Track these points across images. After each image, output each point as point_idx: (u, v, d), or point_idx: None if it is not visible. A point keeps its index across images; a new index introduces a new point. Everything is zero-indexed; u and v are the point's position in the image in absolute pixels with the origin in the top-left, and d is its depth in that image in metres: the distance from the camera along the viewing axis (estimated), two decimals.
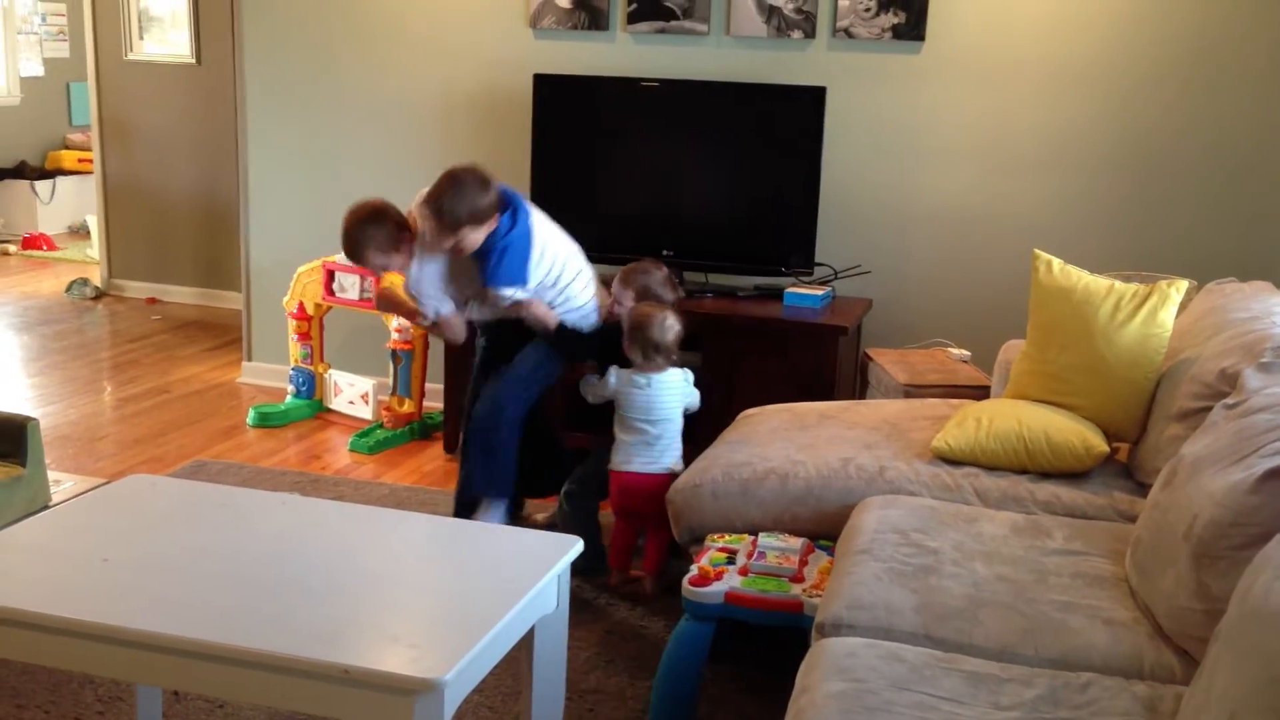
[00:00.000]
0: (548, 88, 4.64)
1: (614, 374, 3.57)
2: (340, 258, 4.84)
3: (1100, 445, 3.01)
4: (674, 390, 3.53)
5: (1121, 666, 2.17)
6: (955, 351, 4.26)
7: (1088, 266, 3.32)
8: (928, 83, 4.46)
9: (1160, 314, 3.08)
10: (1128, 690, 2.05)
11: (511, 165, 4.85)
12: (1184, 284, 3.15)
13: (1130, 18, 4.23)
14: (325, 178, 5.23)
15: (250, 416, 4.94)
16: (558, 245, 3.62)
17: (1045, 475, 3.04)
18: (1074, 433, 3.02)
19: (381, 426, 4.80)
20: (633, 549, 3.54)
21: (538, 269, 3.52)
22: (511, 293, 3.49)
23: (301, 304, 5.02)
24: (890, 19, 4.42)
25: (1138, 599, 2.36)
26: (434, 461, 4.63)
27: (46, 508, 3.80)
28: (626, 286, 3.73)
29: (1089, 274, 3.23)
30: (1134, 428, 3.12)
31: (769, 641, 3.04)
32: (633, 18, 4.69)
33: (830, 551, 2.86)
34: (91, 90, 7.19)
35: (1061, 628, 2.26)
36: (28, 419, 3.89)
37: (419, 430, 4.85)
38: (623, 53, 4.74)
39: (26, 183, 8.92)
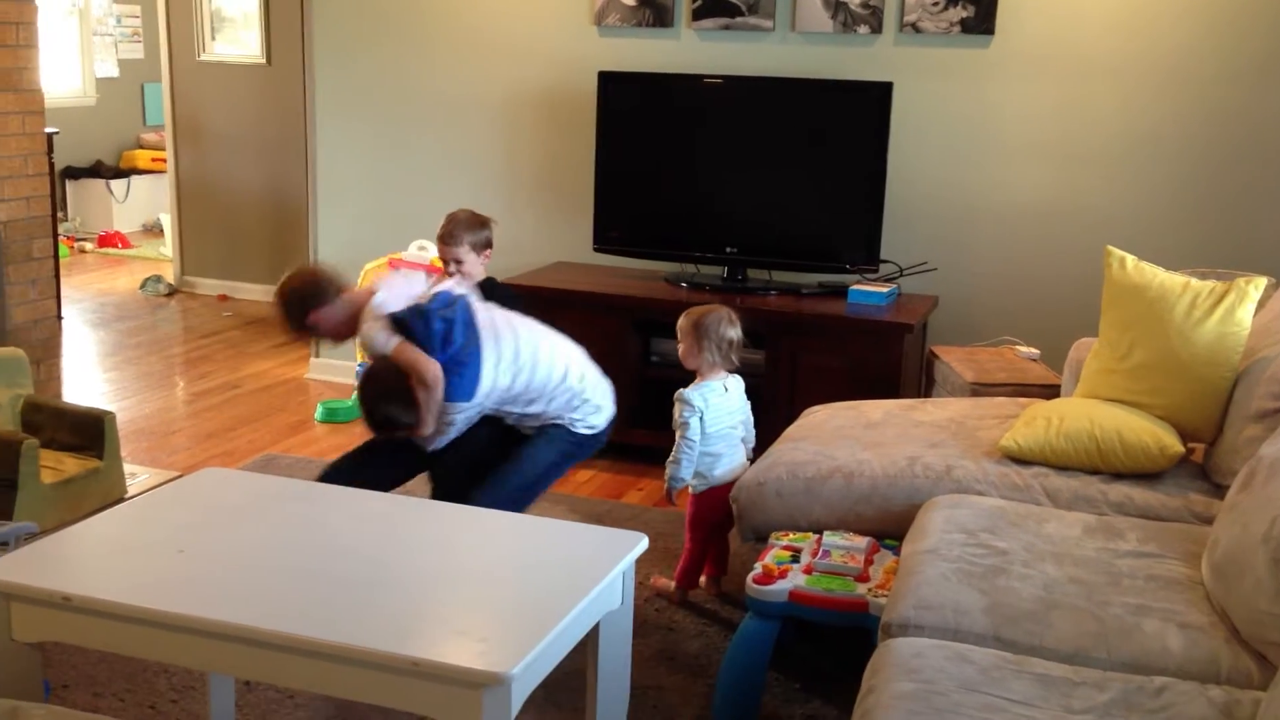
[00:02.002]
0: (612, 85, 4.65)
1: (693, 397, 3.31)
2: (406, 254, 4.90)
3: (1175, 445, 2.96)
4: (742, 386, 3.48)
5: (1197, 671, 2.13)
6: (1024, 349, 4.20)
7: (1162, 263, 3.25)
8: (997, 77, 4.40)
9: (1238, 312, 3.01)
10: (1203, 695, 2.01)
11: (576, 163, 4.88)
12: (1262, 281, 3.07)
13: (1206, 7, 4.15)
14: (392, 176, 5.29)
15: (318, 412, 5.01)
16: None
17: (1118, 476, 2.99)
18: (1148, 433, 2.96)
19: None
20: (702, 567, 3.49)
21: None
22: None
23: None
24: (959, 12, 4.37)
25: (1214, 603, 2.31)
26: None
27: (123, 500, 3.89)
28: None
29: (1164, 271, 3.17)
30: (1210, 428, 3.06)
31: (833, 641, 3.03)
32: (697, 14, 4.68)
33: (896, 551, 2.83)
34: (165, 90, 7.33)
35: (1135, 631, 2.22)
36: (105, 413, 3.99)
37: None
38: (687, 50, 4.73)
39: (102, 182, 9.13)
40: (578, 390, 3.26)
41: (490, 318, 3.21)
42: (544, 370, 3.21)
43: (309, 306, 3.16)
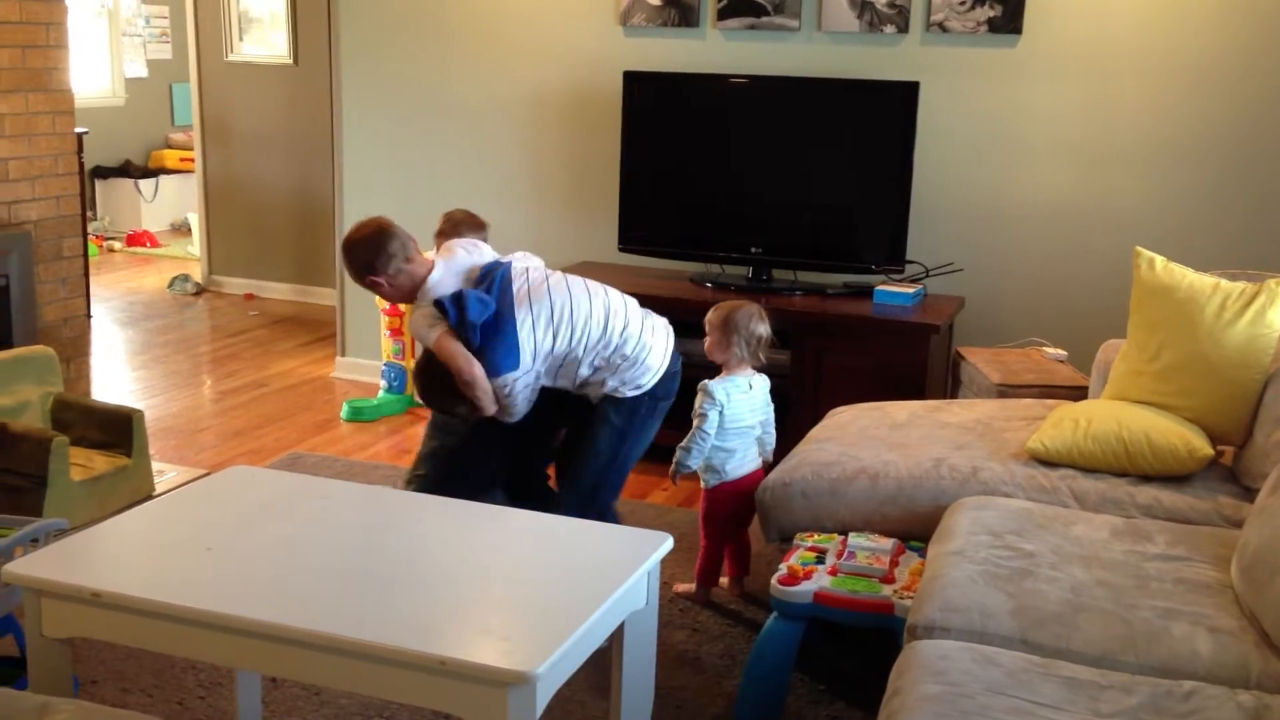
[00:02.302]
0: (638, 85, 4.65)
1: (715, 389, 3.31)
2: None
3: (1204, 448, 2.93)
4: (768, 386, 3.48)
5: (1227, 675, 2.11)
6: (1051, 351, 4.18)
7: (1192, 264, 3.23)
8: (1024, 77, 4.37)
9: (1269, 313, 2.98)
10: (1232, 700, 1.99)
11: (601, 163, 4.88)
12: None
13: (1234, 6, 4.11)
14: (418, 176, 5.31)
15: (344, 411, 5.03)
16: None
17: (1146, 478, 2.97)
18: (1177, 435, 2.94)
19: None
20: (720, 565, 3.49)
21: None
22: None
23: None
24: (986, 12, 4.35)
25: (1244, 606, 2.29)
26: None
27: (151, 497, 3.92)
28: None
29: (1193, 272, 3.14)
30: (1240, 431, 3.03)
31: (858, 643, 3.02)
32: (723, 14, 4.68)
33: (921, 553, 2.82)
34: (193, 91, 7.38)
35: (1163, 634, 2.20)
36: (133, 411, 4.03)
37: None
38: (713, 49, 4.73)
39: (131, 181, 9.20)
40: (619, 346, 3.11)
41: (526, 283, 3.10)
42: (582, 328, 3.08)
43: (367, 271, 3.10)
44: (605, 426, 3.16)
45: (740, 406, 3.34)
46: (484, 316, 3.01)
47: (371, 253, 3.08)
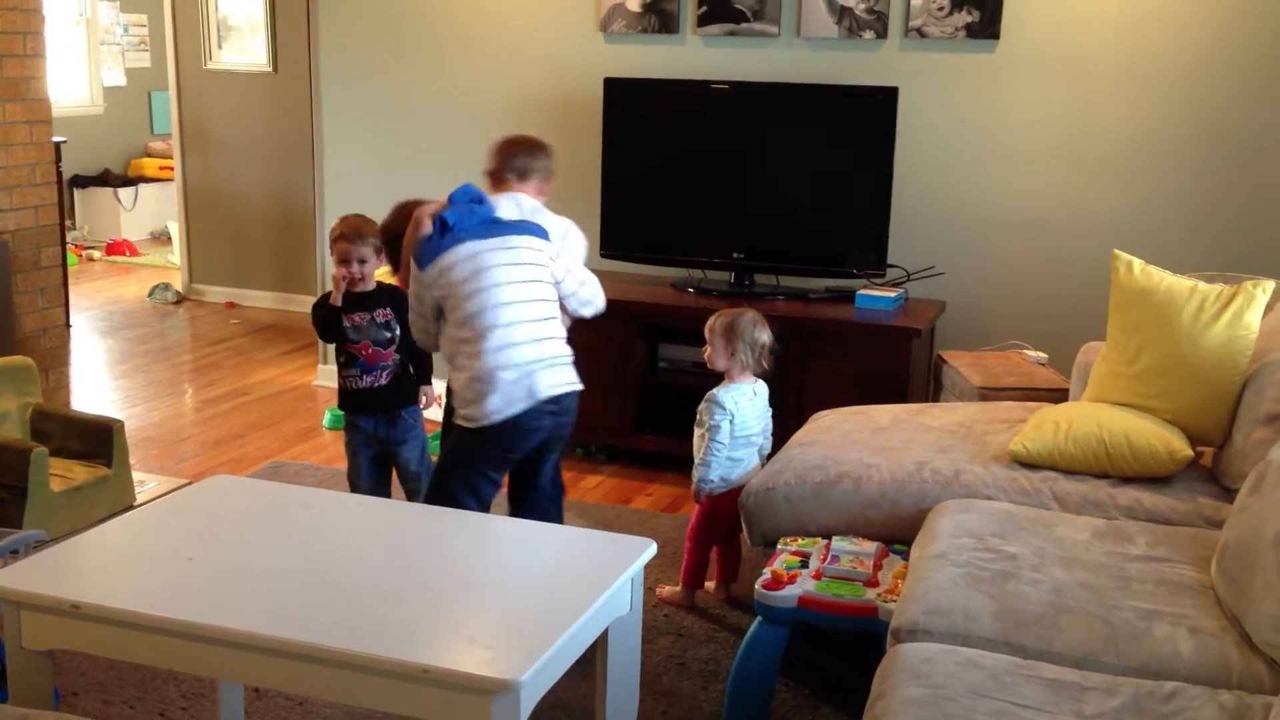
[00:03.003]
0: (618, 91, 4.66)
1: (724, 399, 3.28)
2: None
3: (1184, 449, 2.95)
4: (767, 392, 3.46)
5: (1208, 675, 2.12)
6: (1031, 354, 4.20)
7: (1170, 267, 3.25)
8: (1002, 81, 4.40)
9: (1246, 315, 3.01)
10: (1214, 700, 2.00)
11: (582, 169, 4.88)
12: (1270, 284, 3.07)
13: (1212, 11, 4.14)
14: (399, 183, 5.29)
15: (326, 419, 5.01)
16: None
17: (1126, 480, 2.98)
18: (1156, 436, 2.96)
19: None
20: (708, 567, 3.49)
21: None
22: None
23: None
24: (964, 17, 4.37)
25: (1224, 607, 2.31)
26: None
27: (131, 507, 3.90)
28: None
29: (1171, 274, 3.16)
30: (1219, 432, 3.05)
31: (842, 646, 3.03)
32: (703, 20, 4.69)
33: (905, 556, 2.83)
34: (172, 99, 7.36)
35: (1145, 635, 2.21)
36: (113, 421, 4.00)
37: None
38: (693, 55, 4.74)
39: (110, 190, 9.15)
40: (472, 355, 2.97)
41: (487, 245, 3.03)
42: (476, 307, 2.96)
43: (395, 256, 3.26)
44: (448, 438, 3.22)
45: (748, 414, 3.34)
46: (464, 218, 3.06)
47: (391, 235, 3.33)
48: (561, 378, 3.05)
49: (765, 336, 3.36)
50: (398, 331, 3.41)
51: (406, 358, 3.46)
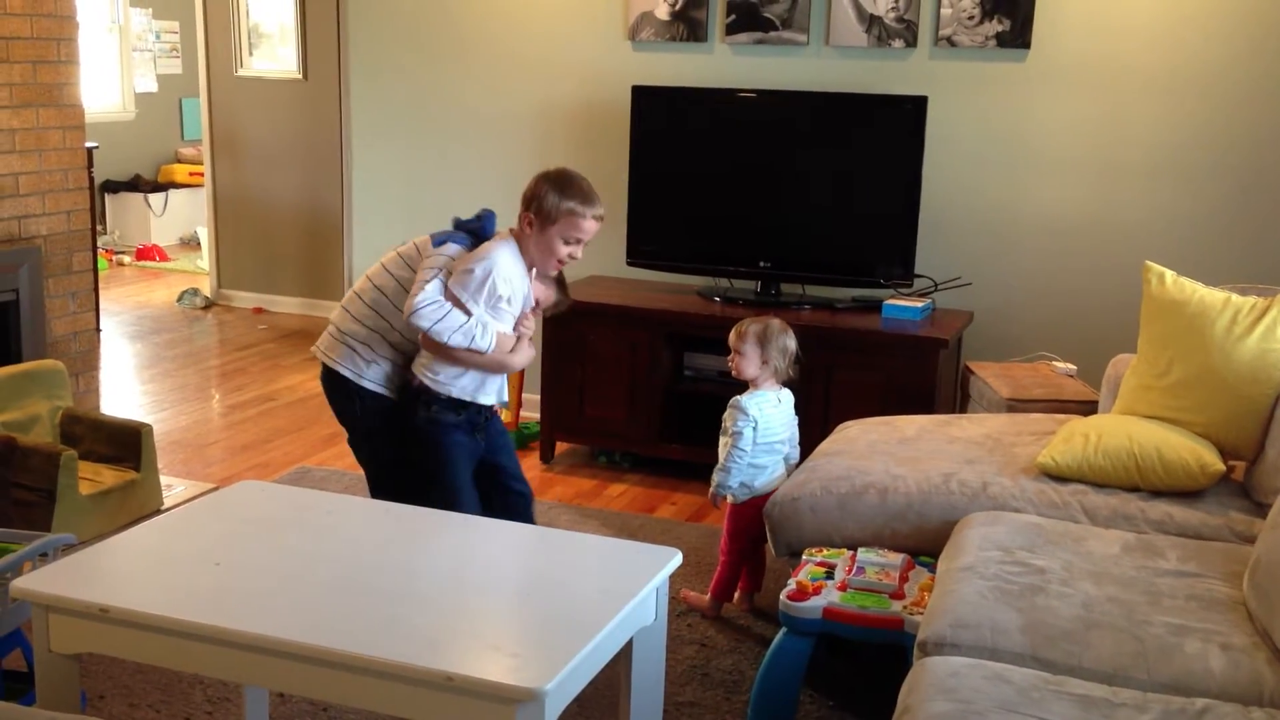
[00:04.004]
0: (646, 100, 4.66)
1: (749, 405, 3.28)
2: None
3: (1216, 463, 2.92)
4: (792, 401, 3.45)
5: (1239, 693, 2.09)
6: (1061, 365, 4.17)
7: (1202, 278, 3.22)
8: (1033, 91, 4.37)
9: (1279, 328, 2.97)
10: (1245, 717, 1.98)
11: (610, 177, 4.87)
12: None
13: (1242, 20, 4.10)
14: (426, 190, 5.32)
15: None
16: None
17: (1157, 494, 2.95)
18: (1188, 450, 2.93)
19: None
20: (738, 581, 3.47)
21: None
22: None
23: None
24: (994, 26, 4.35)
25: (1256, 623, 2.28)
26: (531, 471, 4.66)
27: (159, 511, 3.93)
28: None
29: (1204, 286, 3.13)
30: (1251, 446, 3.01)
31: (867, 658, 3.01)
32: (731, 29, 4.69)
33: (931, 568, 2.81)
34: (203, 105, 7.42)
35: (1176, 651, 2.19)
36: (142, 425, 4.03)
37: (516, 440, 4.89)
38: (721, 64, 4.73)
39: (140, 195, 9.23)
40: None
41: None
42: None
43: None
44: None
45: (772, 421, 3.33)
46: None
47: None
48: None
49: (793, 344, 3.36)
50: None
51: None
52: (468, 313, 2.95)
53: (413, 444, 3.08)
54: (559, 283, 3.24)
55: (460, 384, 3.04)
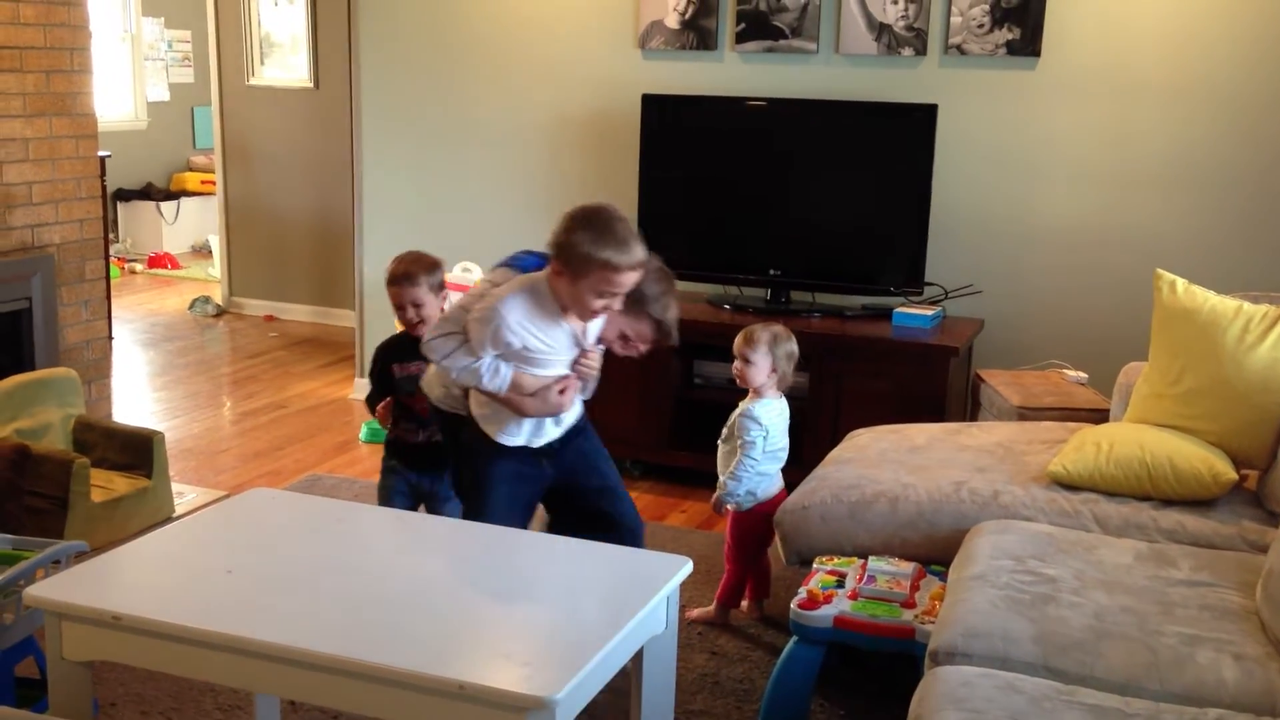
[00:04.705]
0: (656, 108, 4.67)
1: (761, 414, 3.27)
2: (450, 277, 4.93)
3: (1228, 472, 2.91)
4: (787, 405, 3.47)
5: (1252, 703, 2.09)
6: (1072, 374, 4.16)
7: (1214, 287, 3.21)
8: (1043, 99, 4.37)
9: None
10: None
11: (619, 185, 4.89)
12: None
13: (1253, 28, 4.10)
14: (438, 198, 5.33)
15: (363, 432, 5.04)
16: None
17: (1169, 502, 2.94)
18: (1200, 459, 2.92)
19: None
20: (744, 587, 3.47)
21: None
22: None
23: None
24: (1004, 35, 4.35)
25: (1269, 633, 2.27)
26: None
27: (171, 519, 3.94)
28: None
29: (1215, 294, 3.12)
30: (1264, 455, 3.00)
31: (878, 667, 3.00)
32: (741, 37, 4.69)
33: (942, 577, 2.80)
34: (215, 114, 7.45)
35: (1188, 661, 2.18)
36: (154, 433, 4.05)
37: None
38: (731, 72, 4.74)
39: (152, 204, 9.26)
40: None
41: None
42: None
43: None
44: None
45: (777, 429, 3.33)
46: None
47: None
48: None
49: (796, 349, 3.36)
50: None
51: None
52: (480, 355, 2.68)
53: (459, 459, 2.93)
54: (651, 316, 2.83)
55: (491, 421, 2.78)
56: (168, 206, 9.31)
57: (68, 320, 4.59)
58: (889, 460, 3.29)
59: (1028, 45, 4.33)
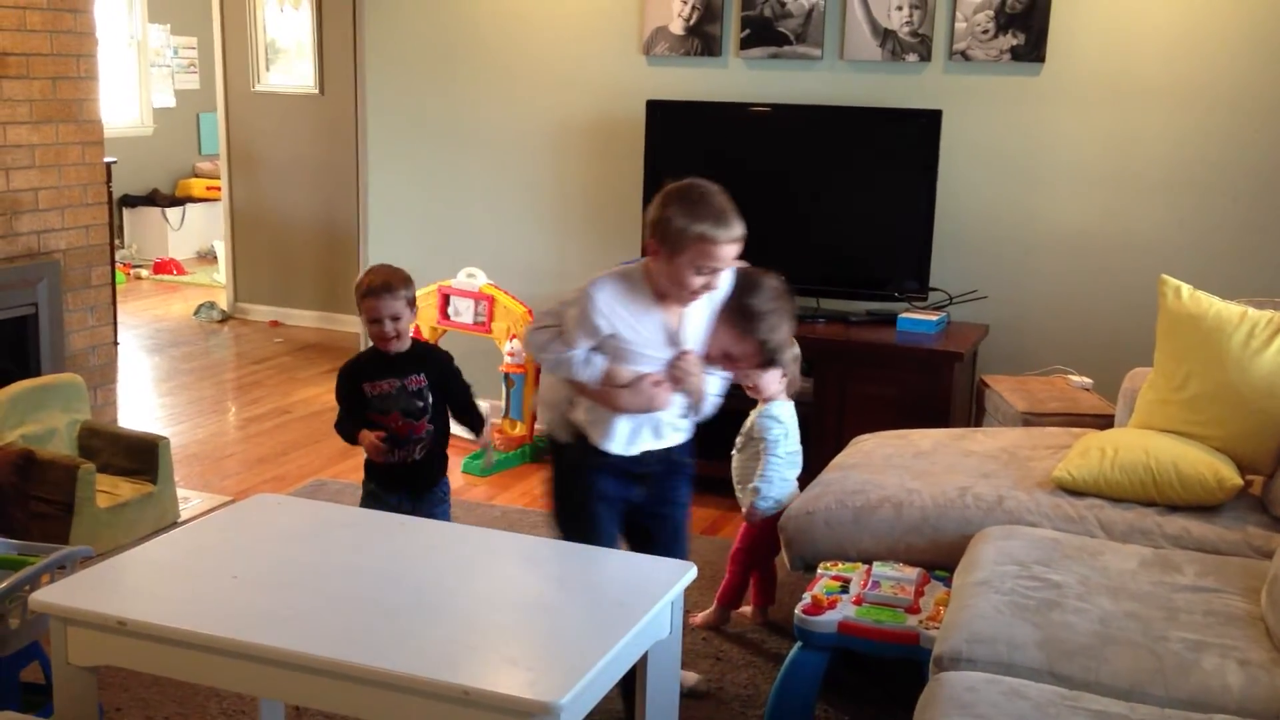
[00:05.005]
0: (661, 114, 4.67)
1: (781, 415, 3.28)
2: (455, 282, 4.95)
3: (1233, 478, 2.91)
4: None
5: (1257, 709, 2.08)
6: (1076, 379, 4.15)
7: (1219, 292, 3.21)
8: (1048, 105, 4.37)
9: None
10: None
11: (623, 191, 4.90)
12: None
13: (1258, 34, 4.10)
14: (442, 204, 5.34)
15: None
16: None
17: (1174, 508, 2.94)
18: (1205, 465, 2.91)
19: (494, 448, 4.86)
20: (746, 588, 3.47)
21: None
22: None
23: (417, 327, 5.11)
24: (1009, 40, 4.35)
25: (1274, 638, 2.27)
26: (545, 484, 4.66)
27: (175, 524, 3.94)
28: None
29: (1220, 300, 3.12)
30: (1269, 460, 3.00)
31: (883, 673, 3.00)
32: (745, 43, 4.70)
33: (947, 582, 2.80)
34: (220, 120, 7.46)
35: (1193, 667, 2.18)
36: (159, 438, 4.05)
37: (531, 453, 4.90)
38: (736, 78, 4.75)
39: (158, 210, 9.29)
40: None
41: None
42: None
43: None
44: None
45: (794, 429, 3.34)
46: None
47: None
48: None
49: (799, 349, 3.35)
50: (430, 399, 3.05)
51: (443, 427, 3.13)
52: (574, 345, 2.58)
53: (557, 487, 2.83)
54: (756, 338, 2.66)
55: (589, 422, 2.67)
56: (173, 212, 9.33)
57: (73, 326, 4.60)
58: (894, 466, 3.28)
59: (1032, 51, 4.33)
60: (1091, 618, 2.33)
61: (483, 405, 5.11)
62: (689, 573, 2.41)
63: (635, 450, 2.68)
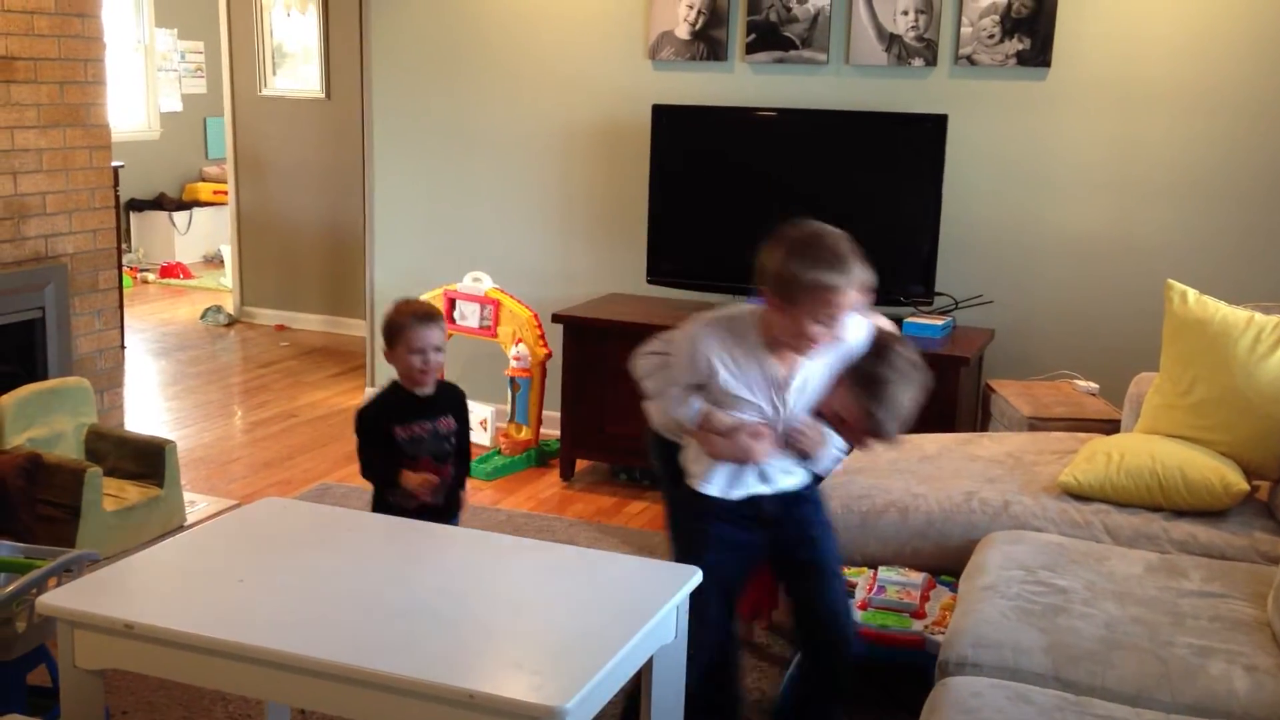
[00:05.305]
0: (666, 118, 4.68)
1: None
2: (461, 286, 4.95)
3: (1240, 483, 2.90)
4: None
5: (1263, 714, 2.08)
6: (1082, 384, 4.15)
7: (1225, 297, 3.21)
8: (1054, 109, 4.37)
9: None
10: None
11: (629, 195, 4.90)
12: None
13: (1264, 38, 4.09)
14: (449, 208, 5.35)
15: None
16: None
17: (1180, 513, 2.94)
18: (1212, 470, 2.91)
19: (499, 453, 4.87)
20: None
21: None
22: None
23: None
24: (1014, 45, 4.35)
25: None
26: (551, 488, 4.67)
27: (182, 527, 3.95)
28: None
29: (1226, 305, 3.12)
30: (1276, 465, 3.00)
31: (888, 678, 2.99)
32: (751, 48, 4.70)
33: (953, 587, 2.80)
34: (227, 124, 7.48)
35: (1199, 672, 2.17)
36: (165, 442, 4.06)
37: (536, 457, 4.90)
38: (741, 83, 4.75)
39: (165, 214, 9.31)
40: None
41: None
42: None
43: None
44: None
45: None
46: None
47: None
48: None
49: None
50: (453, 441, 2.96)
51: (463, 469, 3.06)
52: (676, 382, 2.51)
53: (671, 508, 2.76)
54: (865, 404, 2.48)
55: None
56: (180, 216, 9.35)
57: (80, 330, 4.61)
58: (899, 470, 3.28)
59: (1038, 56, 4.33)
60: (1097, 623, 2.33)
61: (488, 409, 5.16)
62: (694, 577, 2.41)
63: (737, 495, 2.54)
